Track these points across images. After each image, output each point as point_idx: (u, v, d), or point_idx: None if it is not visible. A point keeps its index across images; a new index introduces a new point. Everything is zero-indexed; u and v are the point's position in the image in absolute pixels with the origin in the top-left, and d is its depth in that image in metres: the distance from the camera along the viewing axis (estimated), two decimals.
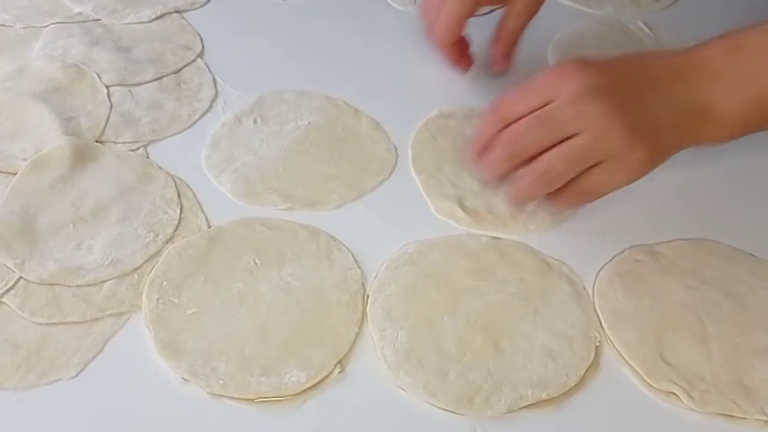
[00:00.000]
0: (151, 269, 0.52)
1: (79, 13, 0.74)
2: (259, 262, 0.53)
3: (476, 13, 0.79)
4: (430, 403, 0.46)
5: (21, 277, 0.51)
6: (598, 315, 0.51)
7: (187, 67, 0.70)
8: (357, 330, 0.50)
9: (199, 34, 0.74)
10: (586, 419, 0.46)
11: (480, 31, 0.77)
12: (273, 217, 0.56)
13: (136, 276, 0.52)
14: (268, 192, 0.58)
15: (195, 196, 0.58)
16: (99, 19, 0.74)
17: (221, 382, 0.46)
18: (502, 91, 0.68)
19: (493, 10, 0.80)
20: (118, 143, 0.61)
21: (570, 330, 0.50)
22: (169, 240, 0.54)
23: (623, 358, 0.49)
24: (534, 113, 0.52)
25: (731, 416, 0.47)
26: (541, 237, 0.56)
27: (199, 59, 0.71)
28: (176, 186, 0.58)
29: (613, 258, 0.55)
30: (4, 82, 0.65)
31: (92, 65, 0.68)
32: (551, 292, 0.52)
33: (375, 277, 0.53)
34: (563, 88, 0.51)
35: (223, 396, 0.46)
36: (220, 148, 0.62)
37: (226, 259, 0.53)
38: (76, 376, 0.47)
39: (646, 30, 0.75)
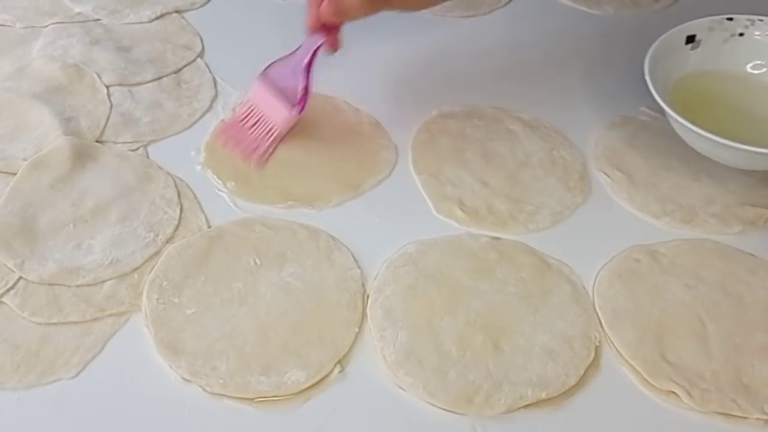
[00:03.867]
0: (151, 269, 0.52)
1: (79, 13, 0.74)
2: (259, 262, 0.53)
3: (476, 13, 0.79)
4: (430, 403, 0.46)
5: (21, 277, 0.51)
6: (598, 315, 0.51)
7: (187, 67, 0.70)
8: (357, 330, 0.50)
9: (199, 34, 0.74)
10: (585, 419, 0.46)
11: (480, 31, 0.77)
12: (273, 217, 0.56)
13: (136, 276, 0.52)
14: (268, 191, 0.58)
15: (195, 196, 0.58)
16: (99, 19, 0.74)
17: (221, 381, 0.46)
18: (503, 91, 0.69)
19: (494, 10, 0.80)
20: (118, 143, 0.61)
21: (570, 330, 0.50)
22: (169, 240, 0.54)
23: (623, 358, 0.49)
24: None
25: (731, 415, 0.47)
26: (541, 237, 0.56)
27: (199, 59, 0.71)
28: (176, 186, 0.58)
29: (613, 258, 0.55)
30: (4, 82, 0.66)
31: (92, 65, 0.68)
32: (551, 292, 0.52)
33: (375, 277, 0.53)
34: None
35: (223, 395, 0.46)
36: (221, 148, 0.62)
37: (226, 259, 0.53)
38: (76, 376, 0.47)
39: None
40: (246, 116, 0.61)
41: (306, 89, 0.59)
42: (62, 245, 0.53)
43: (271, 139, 0.60)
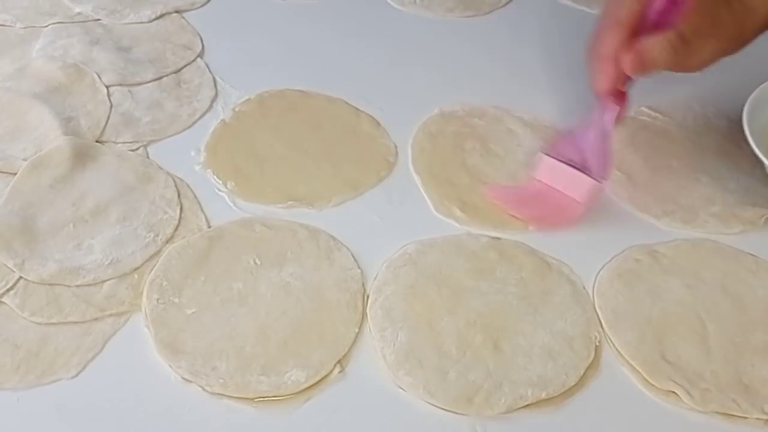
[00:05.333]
0: (151, 269, 0.52)
1: (79, 13, 0.74)
2: (259, 262, 0.53)
3: (476, 14, 0.80)
4: (430, 403, 0.46)
5: (21, 277, 0.51)
6: (598, 315, 0.51)
7: (187, 67, 0.70)
8: (357, 330, 0.50)
9: (199, 34, 0.74)
10: (585, 418, 0.46)
11: (480, 31, 0.77)
12: (273, 217, 0.56)
13: (136, 276, 0.52)
14: (268, 191, 0.58)
15: (195, 196, 0.58)
16: (99, 19, 0.74)
17: (221, 381, 0.46)
18: (503, 91, 0.69)
19: (493, 10, 0.80)
20: (118, 143, 0.62)
21: (570, 330, 0.50)
22: (169, 240, 0.54)
23: (623, 358, 0.49)
24: None
25: (731, 415, 0.47)
26: (541, 237, 0.56)
27: (199, 59, 0.71)
28: (176, 186, 0.58)
29: (613, 258, 0.55)
30: (4, 82, 0.66)
31: (92, 65, 0.68)
32: (551, 292, 0.52)
33: (375, 277, 0.53)
34: None
35: (223, 395, 0.46)
36: (221, 148, 0.62)
37: (226, 259, 0.53)
38: (76, 376, 0.47)
39: None
40: (538, 193, 0.58)
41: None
42: (62, 245, 0.53)
43: (577, 214, 0.56)
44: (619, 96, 0.57)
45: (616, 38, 0.55)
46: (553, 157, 0.57)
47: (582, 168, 0.56)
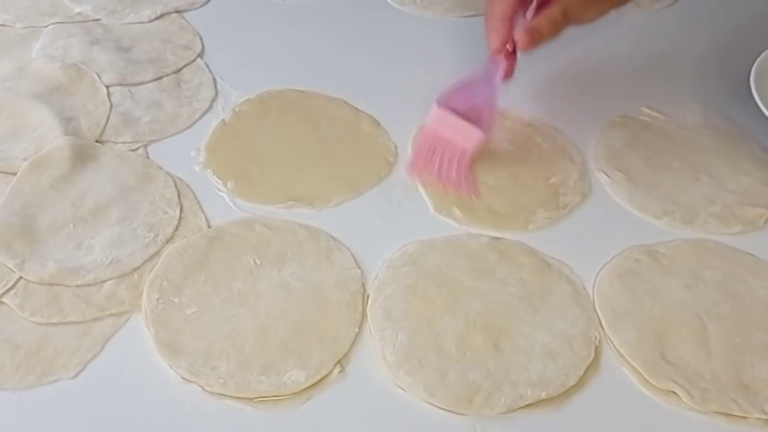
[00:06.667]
0: (151, 269, 0.52)
1: (79, 13, 0.74)
2: (259, 262, 0.53)
3: (476, 13, 0.80)
4: (430, 403, 0.46)
5: (21, 277, 0.51)
6: (597, 315, 0.51)
7: (187, 67, 0.70)
8: (357, 330, 0.50)
9: (199, 34, 0.74)
10: (585, 418, 0.46)
11: (480, 31, 0.77)
12: (273, 217, 0.56)
13: (136, 276, 0.52)
14: (268, 191, 0.58)
15: (195, 196, 0.58)
16: (99, 19, 0.74)
17: (221, 381, 0.46)
18: (502, 90, 0.69)
19: None
20: (118, 143, 0.62)
21: (570, 330, 0.50)
22: (169, 240, 0.54)
23: (623, 358, 0.49)
24: None
25: (731, 415, 0.47)
26: (541, 237, 0.56)
27: (199, 59, 0.71)
28: (176, 186, 0.58)
29: (613, 258, 0.55)
30: (4, 82, 0.66)
31: (92, 65, 0.68)
32: (551, 292, 0.52)
33: (375, 277, 0.53)
34: None
35: (223, 395, 0.46)
36: (221, 148, 0.62)
37: (226, 259, 0.53)
38: (76, 376, 0.47)
39: None
40: (431, 145, 0.60)
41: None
42: (62, 245, 0.53)
43: (465, 162, 0.59)
44: (509, 55, 0.61)
45: (508, 1, 0.59)
46: (444, 108, 0.59)
47: (470, 119, 0.59)
